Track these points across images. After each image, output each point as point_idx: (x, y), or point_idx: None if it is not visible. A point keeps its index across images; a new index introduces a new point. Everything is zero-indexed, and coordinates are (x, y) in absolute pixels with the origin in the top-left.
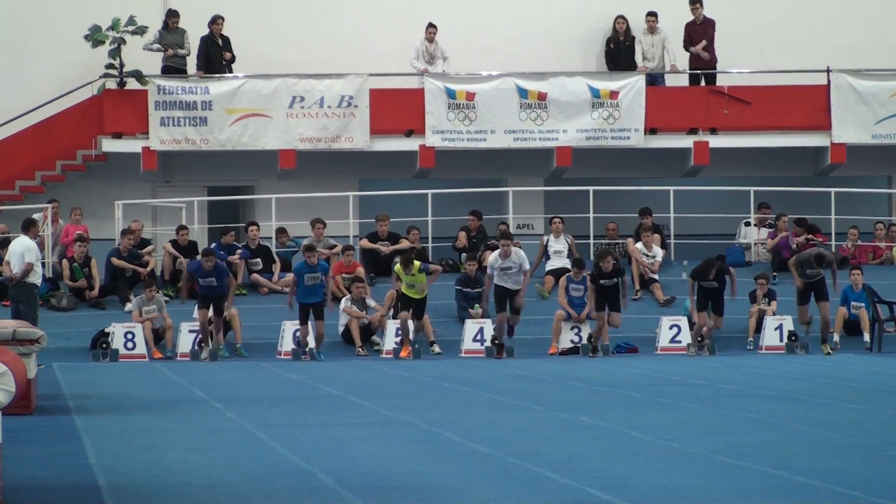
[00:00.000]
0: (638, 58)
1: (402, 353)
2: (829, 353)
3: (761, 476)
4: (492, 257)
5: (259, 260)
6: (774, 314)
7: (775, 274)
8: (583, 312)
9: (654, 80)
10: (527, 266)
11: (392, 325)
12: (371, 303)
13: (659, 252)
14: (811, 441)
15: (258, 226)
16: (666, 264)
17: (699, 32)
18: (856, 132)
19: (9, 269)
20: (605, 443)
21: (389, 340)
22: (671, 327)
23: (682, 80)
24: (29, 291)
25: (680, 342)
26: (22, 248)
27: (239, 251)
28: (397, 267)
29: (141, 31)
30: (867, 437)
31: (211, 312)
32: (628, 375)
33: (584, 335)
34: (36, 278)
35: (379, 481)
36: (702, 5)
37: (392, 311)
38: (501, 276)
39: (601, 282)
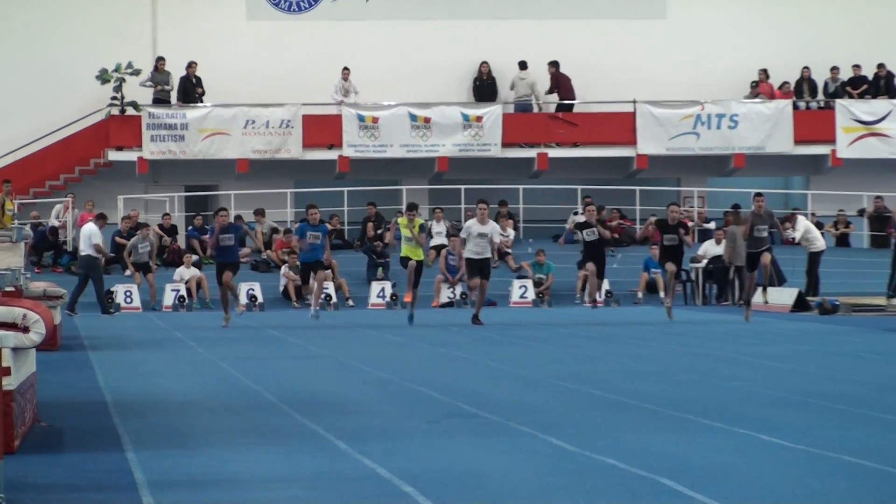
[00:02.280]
0: (507, 93)
1: (406, 298)
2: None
3: (586, 395)
4: (469, 222)
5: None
6: None
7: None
8: (456, 276)
9: (523, 108)
10: (497, 237)
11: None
12: (185, 274)
13: (511, 233)
14: (622, 369)
15: (227, 210)
16: (516, 242)
17: (558, 80)
18: (654, 146)
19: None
20: (473, 370)
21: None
22: (520, 287)
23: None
24: (95, 263)
25: (526, 298)
26: (89, 233)
27: (209, 231)
28: (401, 219)
29: (136, 72)
30: (662, 367)
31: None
32: (489, 322)
33: (458, 293)
34: (96, 254)
35: (309, 398)
36: (555, 68)
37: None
38: (475, 241)
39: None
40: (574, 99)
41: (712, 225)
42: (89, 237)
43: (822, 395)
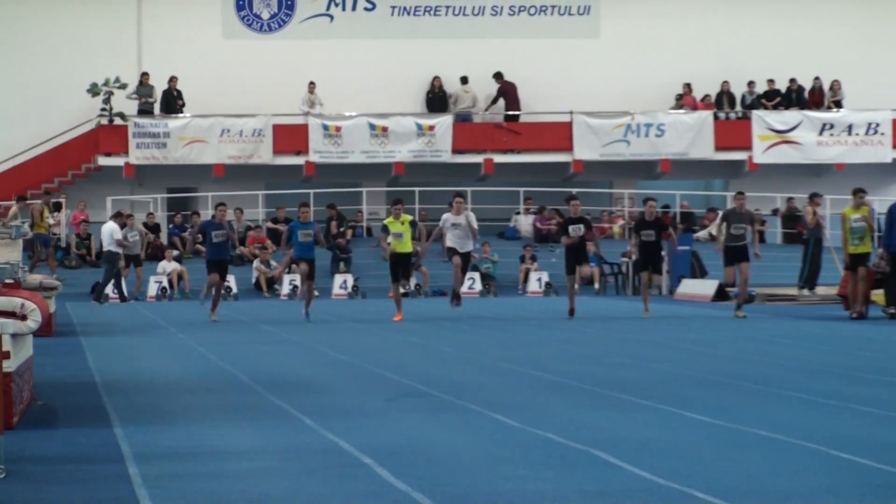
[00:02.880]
0: (452, 105)
1: (396, 318)
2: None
3: (529, 376)
4: (446, 215)
5: (200, 235)
6: (536, 270)
7: (536, 245)
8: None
9: (465, 118)
10: (475, 225)
11: (287, 278)
12: (273, 263)
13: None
14: (562, 353)
15: (199, 214)
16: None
17: (504, 89)
18: (589, 152)
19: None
20: (426, 354)
21: (284, 288)
22: (469, 279)
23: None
24: (113, 256)
25: (474, 289)
26: (109, 230)
27: (188, 229)
28: (388, 219)
29: (123, 86)
30: (598, 350)
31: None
32: (440, 311)
33: (412, 284)
34: (116, 248)
35: (279, 379)
36: (501, 79)
37: (287, 268)
38: (452, 231)
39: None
40: (519, 106)
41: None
42: (110, 234)
43: (739, 376)
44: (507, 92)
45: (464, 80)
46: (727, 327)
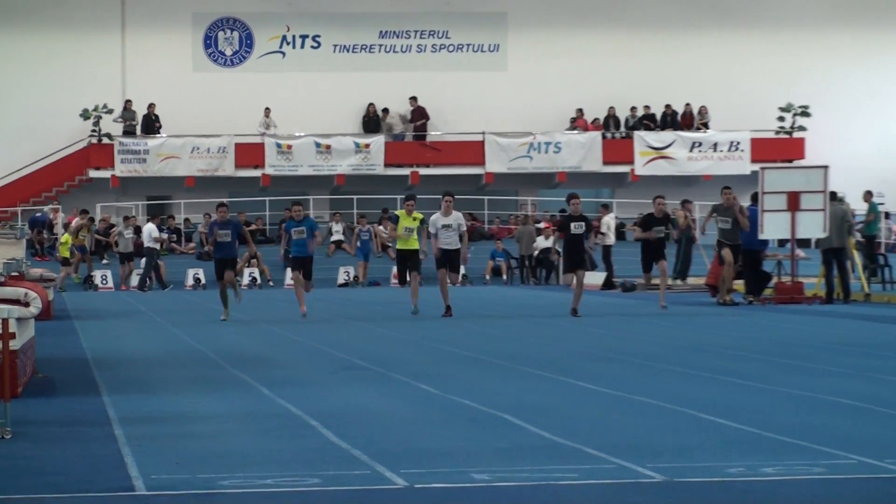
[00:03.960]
0: (385, 127)
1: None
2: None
3: (450, 353)
4: (434, 216)
5: (175, 235)
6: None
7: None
8: (365, 260)
9: (395, 137)
10: (464, 227)
11: (247, 271)
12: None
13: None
14: (477, 333)
15: (174, 217)
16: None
17: (419, 110)
18: (498, 166)
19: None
20: (363, 335)
21: (245, 279)
22: (394, 274)
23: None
24: (154, 252)
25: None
26: (149, 231)
27: (164, 231)
28: (400, 212)
29: (110, 111)
30: (507, 331)
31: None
32: (375, 297)
33: (351, 275)
34: (154, 244)
35: (240, 355)
36: (415, 102)
37: (250, 261)
38: (443, 233)
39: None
40: (428, 120)
41: (541, 224)
42: (149, 234)
43: (625, 352)
44: (420, 113)
45: (385, 111)
46: (616, 311)
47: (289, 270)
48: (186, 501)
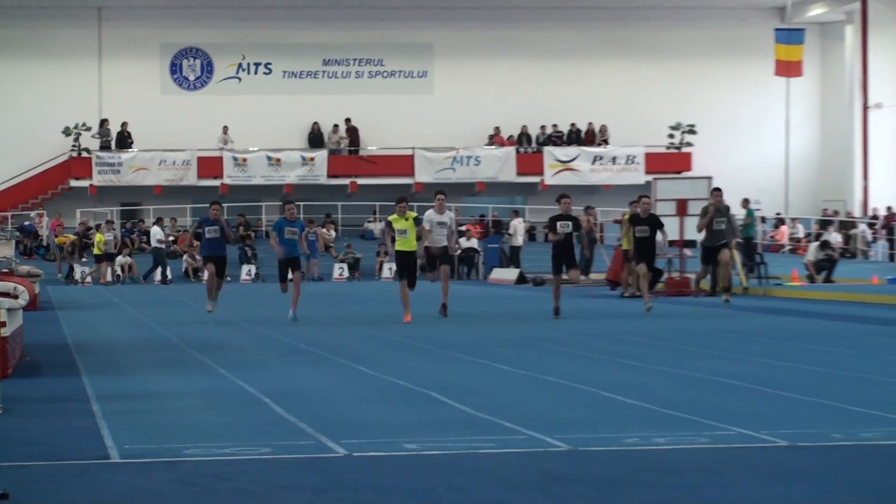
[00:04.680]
0: (331, 143)
1: (405, 321)
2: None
3: (383, 339)
4: (429, 213)
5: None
6: (388, 262)
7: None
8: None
9: (335, 152)
10: (454, 225)
11: (245, 268)
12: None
13: (333, 234)
14: (413, 322)
15: (144, 221)
16: (336, 239)
17: (353, 130)
18: (426, 176)
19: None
20: (309, 322)
21: (243, 275)
22: (339, 268)
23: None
24: (158, 251)
25: (342, 276)
26: (155, 232)
27: (136, 232)
28: (392, 217)
29: (88, 129)
30: (432, 320)
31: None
32: (319, 291)
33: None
34: (159, 245)
35: (201, 341)
36: (349, 122)
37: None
38: (437, 229)
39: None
40: (359, 140)
41: (464, 227)
42: (155, 235)
43: (536, 339)
44: (354, 133)
45: (334, 128)
46: (529, 303)
47: (244, 268)
48: (155, 468)
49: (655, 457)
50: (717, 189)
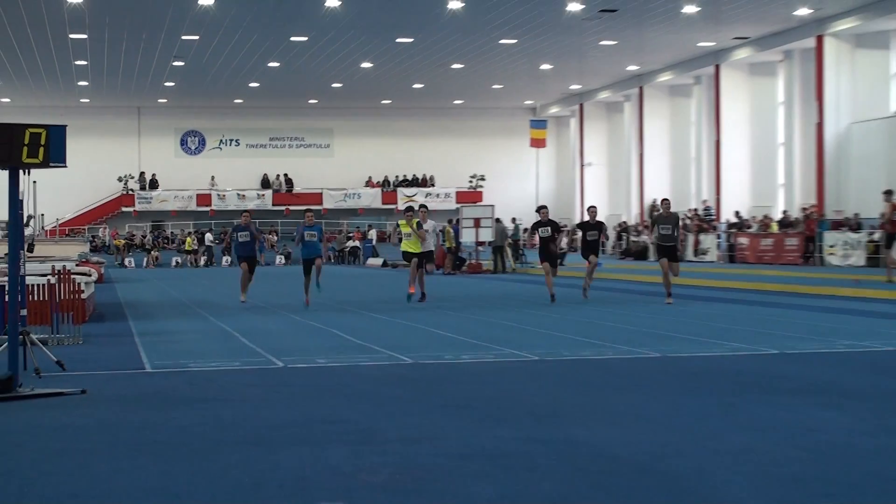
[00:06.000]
0: (274, 185)
1: (410, 290)
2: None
3: (314, 302)
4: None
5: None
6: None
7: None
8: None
9: (277, 190)
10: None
11: (279, 258)
12: (154, 254)
13: (275, 238)
14: (328, 293)
15: (248, 212)
16: (279, 242)
17: (286, 180)
18: (330, 205)
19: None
20: (262, 289)
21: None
22: (279, 259)
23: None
24: (209, 248)
25: (281, 264)
26: (208, 237)
27: (159, 238)
28: (401, 222)
29: (132, 177)
30: (348, 287)
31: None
32: (273, 273)
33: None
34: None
35: (201, 301)
36: (286, 174)
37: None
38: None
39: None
40: (291, 183)
41: (352, 233)
42: (208, 238)
43: (398, 299)
44: (287, 180)
45: (277, 177)
46: (389, 278)
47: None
48: (171, 375)
49: (462, 367)
50: (666, 199)
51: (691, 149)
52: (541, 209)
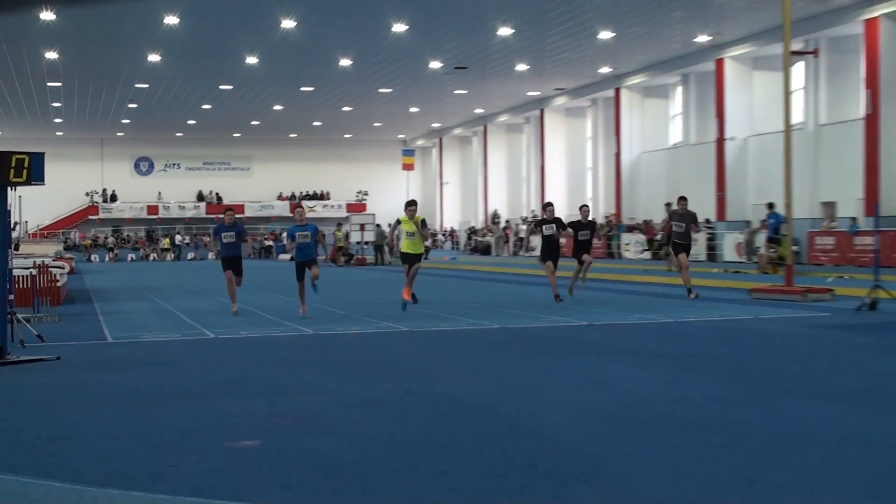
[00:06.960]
0: (208, 199)
1: (405, 295)
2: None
3: (246, 290)
4: (403, 217)
5: (214, 236)
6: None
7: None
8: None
9: (211, 202)
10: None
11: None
12: (131, 255)
13: (209, 240)
14: (256, 279)
15: (233, 210)
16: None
17: (216, 196)
18: (252, 213)
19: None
20: (201, 281)
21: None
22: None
23: None
24: (179, 246)
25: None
26: (178, 238)
27: (118, 240)
28: (402, 217)
29: (97, 192)
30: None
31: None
32: (211, 266)
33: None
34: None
35: (149, 288)
36: (217, 191)
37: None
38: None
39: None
40: (221, 198)
41: (268, 235)
42: (182, 238)
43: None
44: (218, 195)
45: (210, 192)
46: (373, 278)
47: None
48: (127, 345)
49: (352, 336)
50: (683, 198)
51: (523, 171)
52: (546, 206)
